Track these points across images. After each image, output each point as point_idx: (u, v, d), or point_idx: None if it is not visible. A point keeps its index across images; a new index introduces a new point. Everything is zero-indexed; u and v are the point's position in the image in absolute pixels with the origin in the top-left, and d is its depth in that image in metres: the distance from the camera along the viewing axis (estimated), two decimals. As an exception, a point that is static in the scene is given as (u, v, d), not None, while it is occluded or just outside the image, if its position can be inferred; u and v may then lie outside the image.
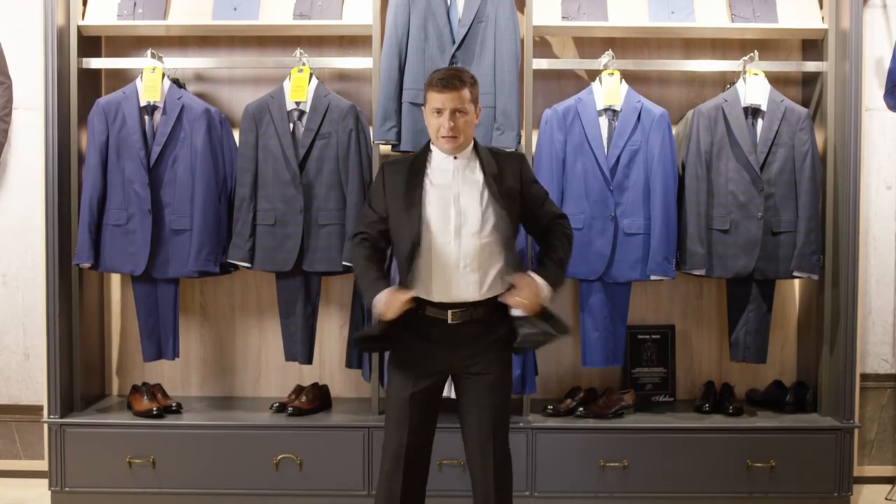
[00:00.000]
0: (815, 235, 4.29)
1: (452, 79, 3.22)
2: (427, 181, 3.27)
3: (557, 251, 3.32)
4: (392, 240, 3.34)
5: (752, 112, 4.34)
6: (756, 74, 4.35)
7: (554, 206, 3.44)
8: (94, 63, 4.52)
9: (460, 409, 3.35)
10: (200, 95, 4.63)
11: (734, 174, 4.31)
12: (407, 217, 3.23)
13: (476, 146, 3.34)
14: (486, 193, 3.24)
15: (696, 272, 4.30)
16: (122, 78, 4.64)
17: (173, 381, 4.83)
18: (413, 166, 3.32)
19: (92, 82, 4.62)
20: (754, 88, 4.34)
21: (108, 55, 4.72)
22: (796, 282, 4.76)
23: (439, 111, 3.22)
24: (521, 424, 4.27)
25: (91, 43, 4.61)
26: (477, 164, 3.29)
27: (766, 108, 4.33)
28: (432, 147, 3.35)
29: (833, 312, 4.39)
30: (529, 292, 3.15)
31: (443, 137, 3.23)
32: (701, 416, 4.47)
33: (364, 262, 3.31)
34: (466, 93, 3.22)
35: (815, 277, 4.35)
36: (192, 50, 4.74)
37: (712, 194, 4.32)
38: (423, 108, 3.34)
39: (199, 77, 4.77)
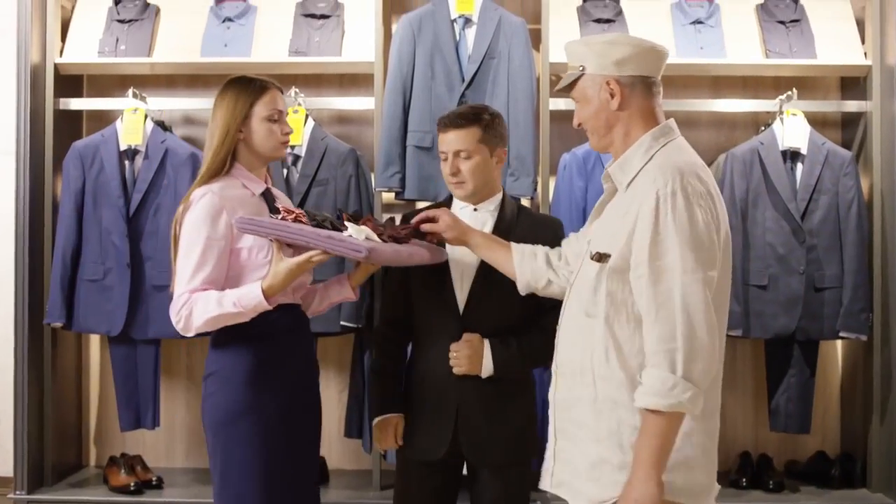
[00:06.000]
0: (862, 291, 3.97)
1: (457, 117, 2.82)
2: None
3: (533, 343, 2.85)
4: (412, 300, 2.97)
5: (791, 156, 4.03)
6: (795, 115, 4.04)
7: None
8: (73, 104, 4.21)
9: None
10: (189, 139, 4.31)
11: (772, 224, 3.99)
12: (425, 281, 2.88)
13: (505, 201, 2.94)
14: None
15: (732, 333, 3.91)
16: (106, 120, 4.31)
17: (156, 452, 4.46)
18: None
19: (72, 124, 4.32)
20: (793, 130, 4.02)
21: (91, 95, 4.43)
22: (838, 342, 4.39)
23: (444, 156, 2.84)
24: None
25: (72, 82, 4.32)
26: (492, 220, 2.90)
27: (807, 152, 4.02)
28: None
29: (883, 376, 4.04)
30: (466, 354, 2.79)
31: (451, 184, 2.86)
32: (738, 491, 4.11)
33: (377, 380, 3.01)
34: (474, 131, 2.79)
35: (864, 338, 4.00)
36: (180, 90, 4.43)
37: (748, 246, 4.00)
38: None
39: (189, 119, 4.45)
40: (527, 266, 2.63)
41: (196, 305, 2.56)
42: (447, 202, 2.98)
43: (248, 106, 2.69)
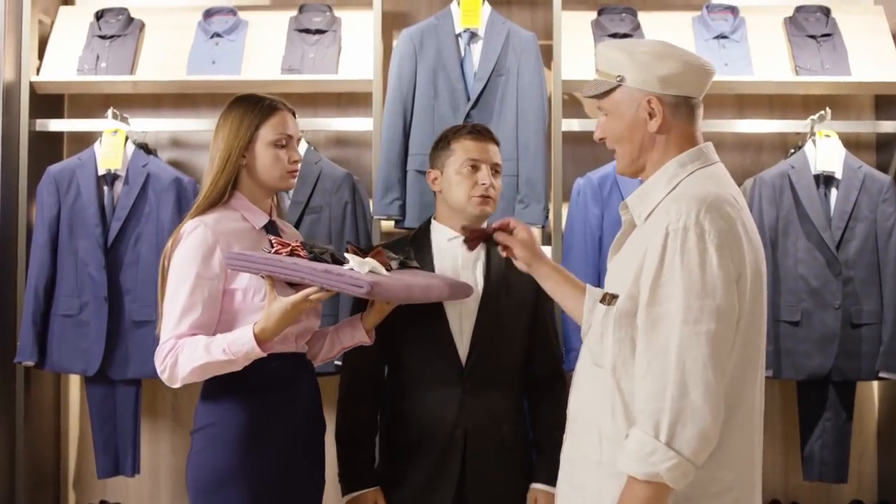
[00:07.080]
0: (904, 328, 3.69)
1: (486, 129, 2.69)
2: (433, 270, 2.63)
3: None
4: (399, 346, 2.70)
5: (825, 180, 3.76)
6: (828, 136, 3.77)
7: (558, 347, 2.76)
8: (50, 125, 3.96)
9: None
10: (176, 163, 4.07)
11: (805, 255, 3.71)
12: (417, 324, 2.60)
13: None
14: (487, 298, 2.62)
15: (762, 373, 3.64)
16: (89, 143, 4.03)
17: (139, 498, 4.18)
18: (414, 250, 2.66)
19: (51, 147, 4.07)
20: (826, 153, 3.74)
21: (73, 116, 4.18)
22: (874, 382, 4.09)
23: (475, 164, 2.58)
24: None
25: (51, 102, 4.07)
26: (483, 253, 2.66)
27: (842, 176, 3.75)
28: (433, 223, 2.71)
29: (926, 419, 3.76)
30: None
31: (479, 197, 2.59)
32: (769, 545, 3.83)
33: (347, 452, 2.77)
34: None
35: (907, 379, 3.72)
36: (165, 110, 4.18)
37: (779, 279, 3.72)
38: (433, 169, 2.70)
39: (175, 142, 4.19)
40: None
41: (182, 352, 2.27)
42: (424, 232, 2.72)
43: (254, 128, 2.42)
